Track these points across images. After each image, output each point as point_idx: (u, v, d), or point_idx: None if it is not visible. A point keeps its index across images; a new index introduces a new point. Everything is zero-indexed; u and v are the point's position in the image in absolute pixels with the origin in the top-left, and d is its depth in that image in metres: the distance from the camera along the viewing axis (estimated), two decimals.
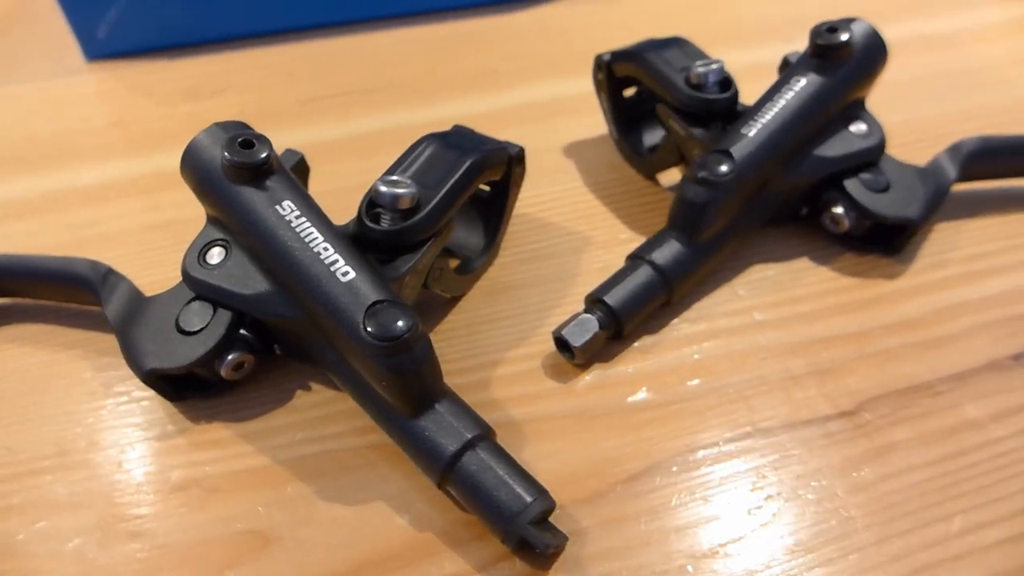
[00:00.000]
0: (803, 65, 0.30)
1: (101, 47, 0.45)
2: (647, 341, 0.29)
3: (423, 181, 0.26)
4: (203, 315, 0.25)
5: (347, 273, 0.23)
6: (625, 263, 0.29)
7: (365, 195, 0.26)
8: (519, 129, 0.37)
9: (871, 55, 0.30)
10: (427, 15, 0.49)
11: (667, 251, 0.28)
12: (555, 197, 0.35)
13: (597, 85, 0.35)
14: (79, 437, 0.26)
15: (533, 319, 0.29)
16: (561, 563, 0.22)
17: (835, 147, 0.30)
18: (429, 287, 0.27)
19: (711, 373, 0.27)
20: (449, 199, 0.26)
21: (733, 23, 0.48)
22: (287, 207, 0.24)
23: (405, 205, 0.25)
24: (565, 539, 0.22)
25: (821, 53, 0.30)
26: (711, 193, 0.28)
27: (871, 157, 0.30)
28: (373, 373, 0.23)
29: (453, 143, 0.28)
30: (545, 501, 0.22)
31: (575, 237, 0.33)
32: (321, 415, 0.26)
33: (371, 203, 0.25)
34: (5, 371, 0.28)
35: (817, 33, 0.30)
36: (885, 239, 0.31)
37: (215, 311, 0.25)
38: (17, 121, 0.41)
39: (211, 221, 0.26)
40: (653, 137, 0.36)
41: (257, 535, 0.23)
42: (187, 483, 0.25)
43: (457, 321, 0.30)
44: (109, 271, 0.28)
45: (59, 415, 0.27)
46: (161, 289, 0.27)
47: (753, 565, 0.22)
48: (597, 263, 0.32)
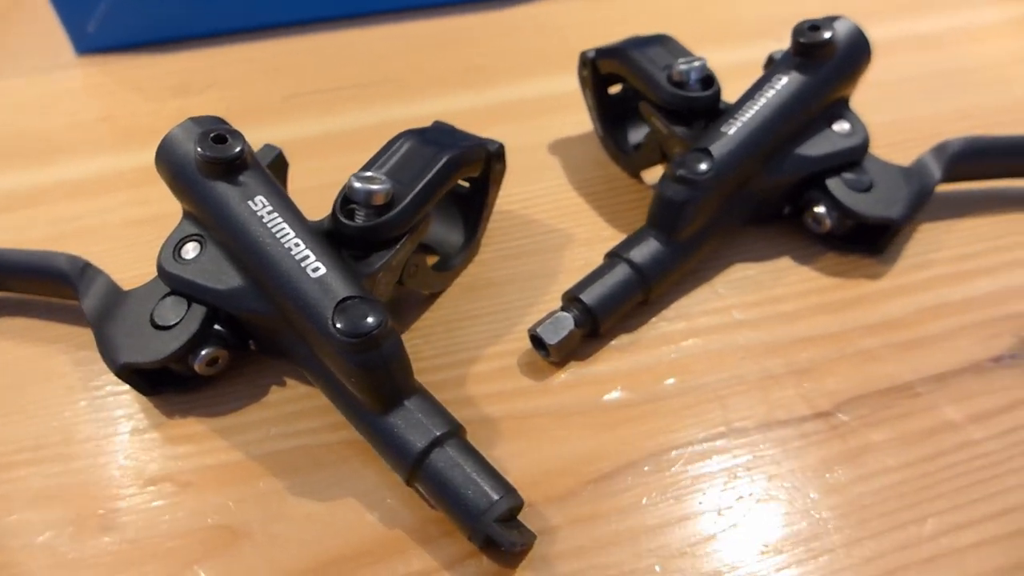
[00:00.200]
0: (785, 63, 0.30)
1: (91, 41, 0.45)
2: (624, 339, 0.28)
3: (398, 177, 0.26)
4: (177, 310, 0.25)
5: (317, 269, 0.23)
6: (603, 261, 0.29)
7: (340, 191, 0.26)
8: (505, 126, 0.37)
9: (854, 54, 0.30)
10: (417, 11, 0.49)
11: (645, 249, 0.28)
12: (539, 194, 0.35)
13: (582, 82, 0.35)
14: (55, 431, 0.26)
15: (512, 316, 0.29)
16: (529, 561, 0.22)
17: (817, 146, 0.30)
18: (405, 283, 0.27)
19: (688, 372, 0.27)
20: (424, 196, 0.26)
21: (728, 21, 0.48)
22: (260, 202, 0.24)
23: (379, 201, 0.25)
24: (533, 537, 0.22)
25: (803, 51, 0.30)
26: (690, 192, 0.28)
27: (854, 156, 0.30)
28: (343, 369, 0.23)
29: (431, 139, 0.27)
30: (512, 499, 0.22)
31: (558, 234, 0.33)
32: (295, 411, 0.26)
33: (345, 199, 0.25)
34: None
35: (799, 31, 0.30)
36: (868, 239, 0.31)
37: (189, 306, 0.25)
38: (6, 115, 0.42)
39: (187, 216, 0.26)
40: (638, 135, 0.36)
41: (228, 530, 0.23)
42: (161, 477, 0.25)
43: (435, 318, 0.29)
44: (87, 265, 0.28)
45: (36, 409, 0.27)
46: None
47: (721, 566, 0.22)
48: (579, 260, 0.31)
